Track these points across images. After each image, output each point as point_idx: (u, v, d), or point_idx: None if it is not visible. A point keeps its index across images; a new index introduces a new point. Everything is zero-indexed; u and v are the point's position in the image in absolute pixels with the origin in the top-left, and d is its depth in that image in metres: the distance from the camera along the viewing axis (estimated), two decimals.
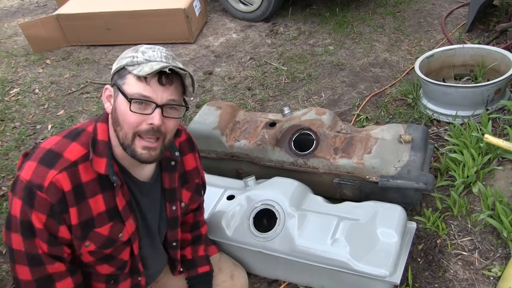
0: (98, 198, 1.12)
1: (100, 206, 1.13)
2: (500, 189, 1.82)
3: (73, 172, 1.08)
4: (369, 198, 1.79)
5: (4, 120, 3.04)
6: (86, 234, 1.14)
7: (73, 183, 1.08)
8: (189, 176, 1.37)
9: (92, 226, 1.14)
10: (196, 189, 1.41)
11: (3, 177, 2.54)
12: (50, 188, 1.05)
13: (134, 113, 1.04)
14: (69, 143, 1.11)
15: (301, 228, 1.58)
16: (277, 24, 3.72)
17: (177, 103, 1.09)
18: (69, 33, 3.77)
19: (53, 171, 1.06)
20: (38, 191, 1.05)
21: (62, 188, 1.06)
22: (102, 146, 1.11)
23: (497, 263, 1.66)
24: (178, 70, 1.04)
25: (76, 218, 1.10)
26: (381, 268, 1.44)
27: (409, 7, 3.65)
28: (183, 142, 1.35)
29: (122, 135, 1.08)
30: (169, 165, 1.28)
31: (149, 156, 1.09)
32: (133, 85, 1.04)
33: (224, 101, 2.36)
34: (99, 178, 1.12)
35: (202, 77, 3.19)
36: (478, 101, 2.20)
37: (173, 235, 1.38)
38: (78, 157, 1.09)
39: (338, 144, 1.88)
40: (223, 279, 1.56)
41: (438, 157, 2.12)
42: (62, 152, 1.09)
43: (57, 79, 3.43)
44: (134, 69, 1.04)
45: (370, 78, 2.88)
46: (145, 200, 1.25)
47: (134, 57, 1.05)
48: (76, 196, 1.09)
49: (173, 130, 1.13)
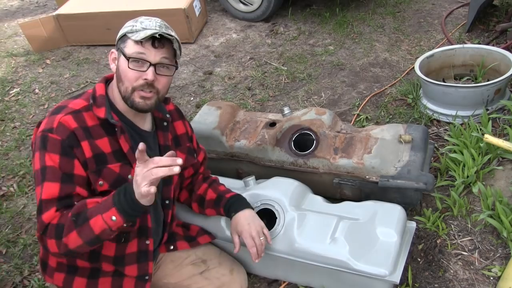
0: (104, 140, 1.29)
1: (107, 147, 1.29)
2: (500, 189, 1.82)
3: (78, 116, 1.26)
4: (369, 198, 1.79)
5: (4, 120, 3.04)
6: (100, 169, 1.27)
7: (79, 123, 1.26)
8: (180, 139, 1.55)
9: (105, 161, 1.28)
10: (188, 152, 1.57)
11: (3, 177, 2.54)
12: (59, 127, 1.23)
13: (132, 69, 1.25)
14: (73, 99, 1.33)
15: (300, 227, 1.58)
16: (277, 24, 3.72)
17: (168, 63, 1.30)
18: (69, 33, 3.77)
19: (59, 115, 1.25)
20: (49, 134, 1.23)
21: (69, 126, 1.23)
22: (101, 98, 1.31)
23: (497, 263, 1.66)
24: (167, 36, 1.24)
25: (89, 151, 1.26)
26: (381, 268, 1.44)
27: (409, 7, 3.65)
28: (172, 110, 1.56)
29: (123, 89, 1.28)
30: (162, 125, 1.47)
31: (145, 104, 1.29)
32: (132, 47, 1.26)
33: (224, 101, 2.36)
34: (102, 124, 1.29)
35: (202, 77, 3.19)
36: (478, 101, 2.20)
37: (166, 191, 1.49)
38: (80, 106, 1.29)
39: (338, 144, 1.88)
40: (223, 273, 1.58)
41: (438, 157, 2.12)
42: (67, 104, 1.30)
43: (57, 79, 3.43)
44: (132, 35, 1.25)
45: (370, 78, 2.88)
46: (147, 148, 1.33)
47: (133, 26, 1.26)
48: (84, 133, 1.26)
49: (165, 86, 1.33)
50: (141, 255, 1.41)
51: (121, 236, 1.36)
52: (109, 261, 1.38)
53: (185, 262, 1.58)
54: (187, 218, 1.73)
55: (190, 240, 1.61)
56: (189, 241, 1.61)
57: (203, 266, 1.58)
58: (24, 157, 2.67)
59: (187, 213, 1.74)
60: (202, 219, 1.71)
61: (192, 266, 1.57)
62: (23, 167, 2.57)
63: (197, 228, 1.66)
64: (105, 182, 1.28)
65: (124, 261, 1.39)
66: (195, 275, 1.56)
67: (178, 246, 1.58)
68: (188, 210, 1.73)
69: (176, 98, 3.01)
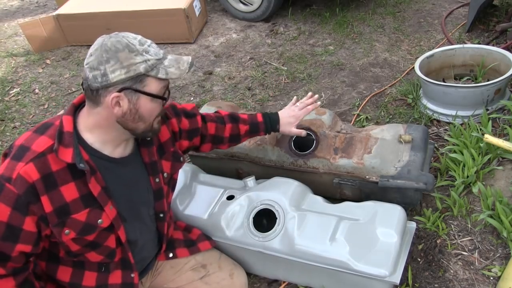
0: (70, 185, 1.17)
1: (73, 193, 1.18)
2: (500, 189, 1.82)
3: (41, 162, 1.12)
4: (369, 198, 1.79)
5: (4, 120, 3.05)
6: (64, 221, 1.17)
7: (42, 172, 1.12)
8: (165, 146, 1.44)
9: (68, 212, 1.17)
10: (173, 157, 1.47)
11: None
12: (17, 179, 1.10)
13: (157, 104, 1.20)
14: (38, 137, 1.16)
15: (301, 228, 1.58)
16: (277, 24, 3.72)
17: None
18: (69, 33, 3.77)
19: (21, 163, 1.11)
20: (6, 183, 1.10)
21: (29, 179, 1.11)
22: (68, 136, 1.15)
23: (497, 263, 1.66)
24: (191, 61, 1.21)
25: (49, 206, 1.14)
26: (381, 268, 1.44)
27: (409, 7, 3.65)
28: None
29: (145, 126, 1.22)
30: (145, 141, 1.35)
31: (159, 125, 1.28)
32: (156, 83, 1.17)
33: (224, 101, 2.36)
34: (69, 167, 1.16)
35: (202, 77, 3.19)
36: (478, 101, 2.20)
37: (159, 205, 1.43)
38: (44, 148, 1.14)
39: (338, 144, 1.88)
40: (223, 277, 1.57)
41: (438, 157, 2.12)
42: (30, 145, 1.14)
43: (57, 79, 3.43)
44: (153, 72, 1.14)
45: (370, 78, 2.88)
46: (128, 174, 1.31)
47: (146, 61, 1.13)
48: (46, 185, 1.13)
49: None
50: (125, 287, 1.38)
51: (101, 265, 1.33)
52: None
53: (185, 268, 1.57)
54: (187, 219, 1.74)
55: (190, 245, 1.59)
56: (189, 246, 1.59)
57: (203, 271, 1.57)
58: None
59: (186, 215, 1.75)
60: (202, 219, 1.71)
61: (192, 272, 1.56)
62: None
63: (199, 232, 1.65)
64: (71, 230, 1.19)
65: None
66: (195, 280, 1.55)
67: (177, 253, 1.56)
68: (188, 211, 1.73)
69: (176, 98, 3.01)
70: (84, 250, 1.26)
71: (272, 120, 1.71)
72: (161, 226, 1.48)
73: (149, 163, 1.36)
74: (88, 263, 1.31)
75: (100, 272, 1.33)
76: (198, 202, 1.77)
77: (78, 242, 1.23)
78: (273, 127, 1.72)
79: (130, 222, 1.33)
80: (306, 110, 1.75)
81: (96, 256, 1.29)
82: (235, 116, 1.68)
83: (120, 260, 1.35)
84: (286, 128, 1.73)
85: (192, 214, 1.74)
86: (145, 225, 1.42)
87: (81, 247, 1.24)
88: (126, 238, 1.32)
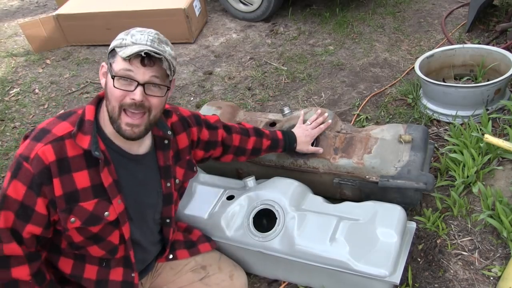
0: (83, 173, 1.20)
1: (85, 181, 1.20)
2: (500, 189, 1.82)
3: (59, 146, 1.16)
4: (369, 198, 1.79)
5: (4, 120, 3.05)
6: (71, 208, 1.19)
7: (58, 155, 1.16)
8: (181, 153, 1.46)
9: (76, 199, 1.19)
10: (188, 165, 1.49)
11: (3, 177, 2.54)
12: (34, 159, 1.14)
13: (118, 89, 1.15)
14: (59, 122, 1.21)
15: (301, 228, 1.58)
16: (277, 24, 3.72)
17: (158, 82, 1.18)
18: (69, 33, 3.77)
19: (39, 144, 1.15)
20: (24, 162, 1.14)
21: (45, 160, 1.14)
22: (88, 124, 1.20)
23: (497, 263, 1.66)
24: (153, 54, 1.13)
25: (60, 189, 1.17)
26: (381, 268, 1.44)
27: (409, 7, 3.65)
28: (175, 123, 1.45)
29: (111, 108, 1.18)
30: (163, 144, 1.37)
31: (132, 132, 1.20)
32: (119, 64, 1.15)
33: (224, 101, 2.36)
34: (85, 154, 1.19)
35: (202, 77, 3.19)
36: (478, 101, 2.20)
37: (167, 211, 1.44)
38: (64, 133, 1.18)
39: (338, 144, 1.88)
40: (223, 279, 1.57)
41: (438, 157, 2.12)
42: (51, 129, 1.19)
43: (57, 79, 3.43)
44: (120, 50, 1.15)
45: (370, 78, 2.88)
46: (140, 173, 1.32)
47: (123, 39, 1.16)
48: (60, 168, 1.16)
49: (158, 106, 1.22)
50: (126, 285, 1.39)
51: (102, 260, 1.34)
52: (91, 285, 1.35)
53: (185, 269, 1.57)
54: (187, 219, 1.74)
55: (190, 247, 1.59)
56: (189, 248, 1.59)
57: (203, 273, 1.57)
58: None
59: (186, 215, 1.75)
60: (202, 219, 1.71)
61: (192, 273, 1.56)
62: None
63: (199, 233, 1.65)
64: (77, 219, 1.21)
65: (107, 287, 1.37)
66: (195, 281, 1.55)
67: (178, 255, 1.57)
68: (188, 211, 1.73)
69: (176, 98, 3.01)
70: (86, 242, 1.27)
71: (290, 139, 1.80)
72: (166, 231, 1.49)
73: (163, 167, 1.38)
74: (89, 257, 1.32)
75: (101, 266, 1.34)
76: (198, 202, 1.77)
77: (82, 233, 1.24)
78: (291, 146, 1.80)
79: (135, 221, 1.34)
80: (319, 129, 1.87)
81: (97, 251, 1.30)
82: (259, 131, 1.73)
83: (122, 258, 1.36)
84: (304, 147, 1.82)
85: (192, 214, 1.74)
86: (148, 228, 1.43)
87: (84, 239, 1.25)
88: (130, 236, 1.33)
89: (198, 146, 1.55)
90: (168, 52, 1.18)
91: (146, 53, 1.12)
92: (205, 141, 1.56)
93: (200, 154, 1.59)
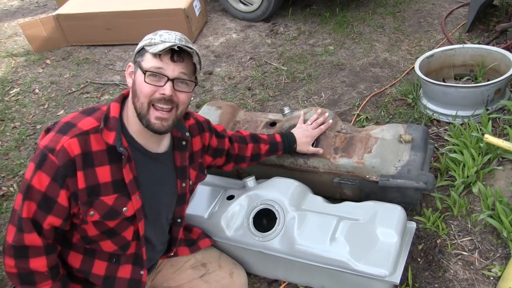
0: (105, 168, 1.23)
1: (107, 176, 1.23)
2: (500, 189, 1.82)
3: (84, 140, 1.20)
4: (369, 197, 1.79)
5: (4, 120, 3.05)
6: (92, 201, 1.22)
7: (83, 149, 1.19)
8: (195, 156, 1.51)
9: (98, 193, 1.23)
10: (200, 168, 1.54)
11: (3, 177, 2.54)
12: (60, 151, 1.17)
13: (148, 84, 1.19)
14: (84, 117, 1.24)
15: (301, 228, 1.58)
16: (277, 24, 3.72)
17: (187, 78, 1.24)
18: (69, 33, 3.77)
19: (66, 137, 1.18)
20: (50, 154, 1.16)
21: (71, 152, 1.17)
22: (113, 121, 1.24)
23: (497, 263, 1.66)
24: (186, 48, 1.19)
25: (83, 182, 1.20)
26: (381, 268, 1.44)
27: (409, 7, 3.65)
28: (192, 125, 1.50)
29: (139, 105, 1.22)
30: (181, 145, 1.41)
31: (161, 126, 1.23)
32: (149, 61, 1.20)
33: (224, 101, 2.36)
34: (108, 150, 1.22)
35: (202, 77, 3.19)
36: (478, 101, 2.20)
37: (179, 211, 1.48)
38: (90, 127, 1.22)
39: (338, 143, 1.88)
40: (223, 276, 1.58)
41: (438, 157, 2.12)
42: (77, 123, 1.22)
43: (57, 79, 3.43)
44: (150, 48, 1.20)
45: (370, 78, 2.88)
46: (158, 172, 1.35)
47: (152, 39, 1.22)
48: (84, 162, 1.19)
49: (184, 102, 1.27)
50: (133, 283, 1.39)
51: (112, 256, 1.35)
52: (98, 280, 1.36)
53: (185, 266, 1.58)
54: (188, 219, 1.73)
55: (191, 244, 1.61)
56: (189, 245, 1.61)
57: (203, 270, 1.58)
58: (24, 157, 2.67)
59: (186, 214, 1.75)
60: (202, 219, 1.71)
61: (192, 270, 1.57)
62: (23, 167, 2.57)
63: (199, 231, 1.66)
64: (96, 212, 1.23)
65: (115, 285, 1.37)
66: (195, 279, 1.56)
67: (178, 252, 1.58)
68: (188, 210, 1.73)
69: None
70: (100, 237, 1.29)
71: (289, 140, 1.80)
72: (176, 231, 1.51)
73: (180, 167, 1.41)
74: (99, 252, 1.33)
75: (111, 262, 1.35)
76: (199, 202, 1.77)
77: (98, 227, 1.26)
78: (291, 147, 1.81)
79: (149, 219, 1.36)
80: (319, 129, 1.87)
81: (110, 246, 1.32)
82: (256, 137, 1.76)
83: (133, 254, 1.37)
84: (304, 147, 1.83)
85: (193, 213, 1.74)
86: (160, 227, 1.45)
87: (99, 233, 1.27)
88: (144, 233, 1.34)
89: (208, 152, 1.59)
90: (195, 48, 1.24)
91: (179, 47, 1.18)
92: (214, 148, 1.60)
93: (208, 160, 1.62)
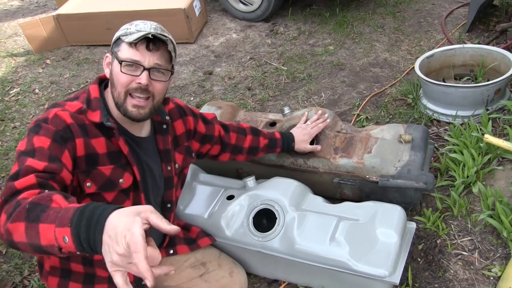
0: (100, 140, 1.25)
1: (102, 147, 1.25)
2: (500, 189, 1.82)
3: (74, 115, 1.22)
4: (369, 197, 1.79)
5: (4, 120, 3.05)
6: (90, 171, 1.22)
7: (76, 121, 1.21)
8: (179, 140, 1.52)
9: (96, 163, 1.24)
10: (186, 151, 1.55)
11: (3, 177, 2.54)
12: (54, 119, 1.17)
13: (125, 74, 1.21)
14: (70, 101, 1.28)
15: (300, 228, 1.58)
16: (277, 24, 3.72)
17: (163, 67, 1.25)
18: (69, 33, 3.77)
19: (56, 109, 1.21)
20: (43, 123, 1.16)
21: (66, 119, 1.19)
22: (95, 101, 1.27)
23: (497, 263, 1.66)
24: (160, 36, 1.19)
25: (82, 150, 1.21)
26: (381, 268, 1.44)
27: (409, 7, 3.65)
28: (172, 109, 1.51)
29: (116, 94, 1.24)
30: (162, 128, 1.43)
31: (138, 113, 1.25)
32: (125, 51, 1.21)
33: (224, 101, 2.36)
34: (97, 126, 1.25)
35: (202, 77, 3.19)
36: (478, 101, 2.20)
37: (168, 195, 1.48)
38: (76, 109, 1.24)
39: (338, 144, 1.88)
40: (222, 275, 1.58)
41: (438, 157, 2.12)
42: (64, 105, 1.25)
43: (57, 79, 3.43)
44: (126, 37, 1.21)
45: (370, 78, 2.88)
46: (143, 156, 1.36)
47: (128, 29, 1.23)
48: (80, 130, 1.21)
49: (161, 91, 1.28)
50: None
51: None
52: (103, 267, 1.34)
53: (185, 265, 1.58)
54: (188, 219, 1.74)
55: (190, 243, 1.60)
56: (189, 244, 1.60)
57: (203, 269, 1.57)
58: None
59: (186, 214, 1.75)
60: (202, 219, 1.71)
61: (191, 269, 1.57)
62: None
63: (198, 230, 1.66)
64: (93, 184, 1.23)
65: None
66: (195, 278, 1.56)
67: (178, 250, 1.57)
68: (188, 210, 1.73)
69: (176, 98, 3.01)
70: None
71: (288, 138, 1.83)
72: (167, 216, 1.50)
73: (163, 150, 1.43)
74: None
75: None
76: (199, 202, 1.77)
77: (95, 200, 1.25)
78: (289, 145, 1.83)
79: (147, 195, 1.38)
80: (317, 128, 1.88)
81: None
82: (256, 130, 1.78)
83: None
84: (301, 145, 1.85)
85: (192, 213, 1.74)
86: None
87: None
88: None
89: (195, 137, 1.60)
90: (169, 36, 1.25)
91: (153, 35, 1.18)
92: (202, 134, 1.61)
93: (196, 146, 1.62)
